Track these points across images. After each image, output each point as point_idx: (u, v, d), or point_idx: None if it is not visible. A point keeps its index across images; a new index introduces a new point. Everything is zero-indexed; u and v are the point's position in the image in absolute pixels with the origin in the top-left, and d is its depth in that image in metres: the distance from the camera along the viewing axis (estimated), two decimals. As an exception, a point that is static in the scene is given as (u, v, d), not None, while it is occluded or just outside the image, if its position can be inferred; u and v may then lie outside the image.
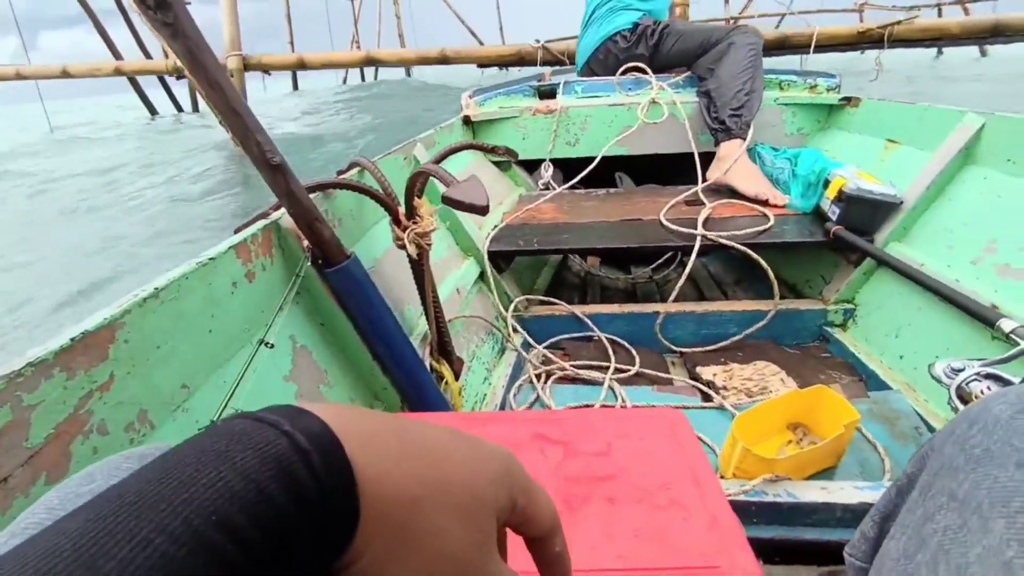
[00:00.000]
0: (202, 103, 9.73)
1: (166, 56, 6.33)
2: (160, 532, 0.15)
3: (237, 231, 0.71)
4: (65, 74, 5.93)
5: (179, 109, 9.79)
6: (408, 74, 16.26)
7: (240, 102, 0.62)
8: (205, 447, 0.18)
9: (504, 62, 5.10)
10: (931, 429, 0.99)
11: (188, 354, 0.52)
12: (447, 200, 0.67)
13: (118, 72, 6.56)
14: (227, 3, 5.23)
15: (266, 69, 6.29)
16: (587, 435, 0.53)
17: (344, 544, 0.19)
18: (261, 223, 0.69)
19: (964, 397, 0.80)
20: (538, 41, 4.63)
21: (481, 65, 5.36)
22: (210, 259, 0.57)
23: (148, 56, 8.92)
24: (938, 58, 14.18)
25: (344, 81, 16.67)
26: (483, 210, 0.66)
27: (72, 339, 0.41)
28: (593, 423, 0.55)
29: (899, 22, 3.05)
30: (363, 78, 17.00)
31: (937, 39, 3.41)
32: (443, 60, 5.24)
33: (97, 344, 0.43)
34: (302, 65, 5.85)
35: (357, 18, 14.80)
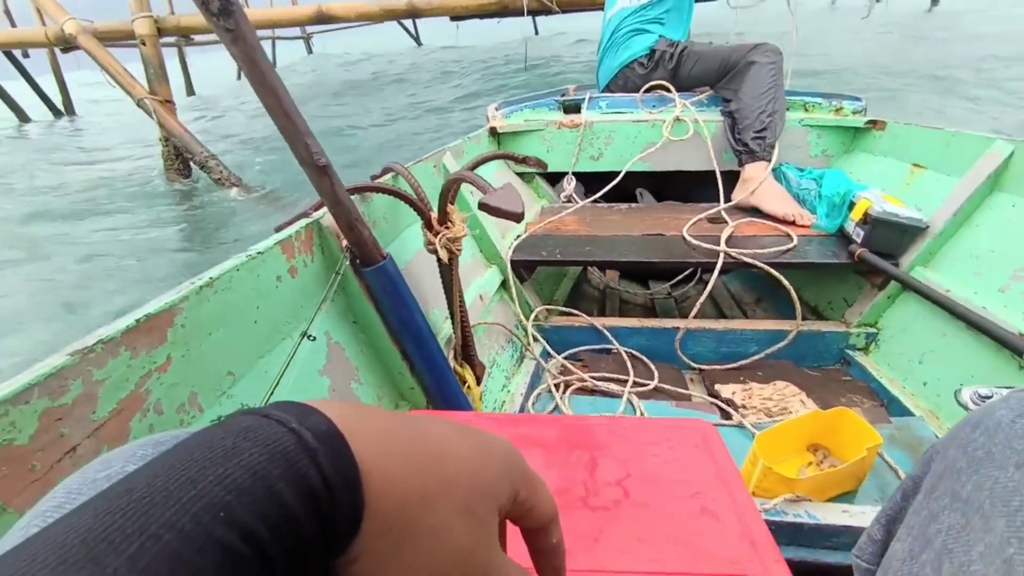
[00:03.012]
0: (79, 105, 7.52)
1: (42, 21, 4.35)
2: (169, 528, 0.15)
3: (278, 229, 0.73)
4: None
5: (57, 113, 7.33)
6: (309, 50, 12.28)
7: (292, 106, 0.64)
8: (213, 443, 0.18)
9: (485, 12, 4.42)
10: None
11: (235, 342, 0.54)
12: (484, 207, 0.69)
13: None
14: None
15: (187, 35, 4.94)
16: (616, 441, 0.54)
17: (347, 542, 0.19)
18: (303, 221, 0.71)
19: (992, 424, 0.80)
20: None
21: (456, 18, 4.50)
22: (258, 253, 0.59)
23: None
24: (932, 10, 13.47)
25: (239, 76, 11.87)
26: (518, 217, 0.68)
27: (137, 320, 0.43)
28: (622, 430, 0.55)
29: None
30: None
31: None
32: (412, 13, 4.41)
33: (158, 326, 0.45)
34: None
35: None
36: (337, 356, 0.72)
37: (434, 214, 0.89)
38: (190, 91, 11.13)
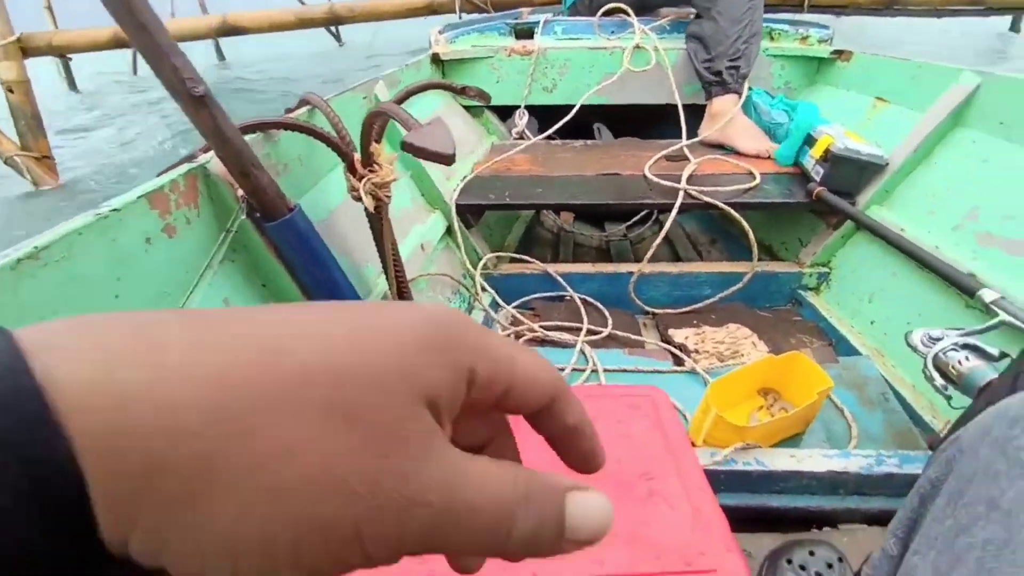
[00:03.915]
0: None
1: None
2: None
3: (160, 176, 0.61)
4: None
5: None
6: (221, 56, 11.08)
7: (151, 14, 0.50)
8: None
9: (413, 16, 4.07)
10: (897, 395, 0.99)
11: None
12: (407, 146, 0.58)
13: None
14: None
15: (63, 54, 4.16)
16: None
17: (70, 520, 0.12)
18: (184, 167, 0.59)
19: (941, 367, 0.79)
20: (455, -12, 3.97)
21: (383, 19, 4.13)
22: (112, 211, 0.47)
23: None
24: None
25: (135, 70, 9.57)
26: (448, 159, 0.58)
27: None
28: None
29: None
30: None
31: (844, 7, 3.38)
32: (333, 20, 3.99)
33: None
34: (120, 43, 3.83)
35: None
36: None
37: (358, 155, 0.77)
38: (72, 86, 9.04)
